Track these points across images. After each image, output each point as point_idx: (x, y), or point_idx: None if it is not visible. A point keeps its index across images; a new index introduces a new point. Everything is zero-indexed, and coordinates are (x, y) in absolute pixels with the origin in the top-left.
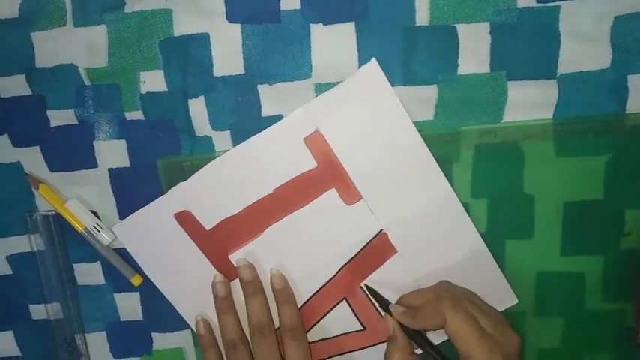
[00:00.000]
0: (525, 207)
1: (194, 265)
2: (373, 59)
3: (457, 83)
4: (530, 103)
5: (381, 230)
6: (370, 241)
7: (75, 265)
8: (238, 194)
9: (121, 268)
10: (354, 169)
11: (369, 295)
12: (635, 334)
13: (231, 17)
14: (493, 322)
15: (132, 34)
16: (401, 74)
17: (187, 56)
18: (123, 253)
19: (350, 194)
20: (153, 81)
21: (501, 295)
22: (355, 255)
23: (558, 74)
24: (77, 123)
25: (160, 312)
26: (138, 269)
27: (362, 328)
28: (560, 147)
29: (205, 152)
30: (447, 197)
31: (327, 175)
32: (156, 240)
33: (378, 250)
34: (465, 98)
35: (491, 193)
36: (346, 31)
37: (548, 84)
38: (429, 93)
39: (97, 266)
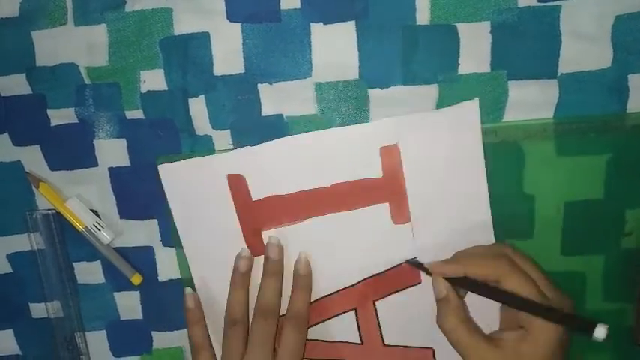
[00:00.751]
0: (526, 206)
1: (226, 229)
2: (476, 99)
3: (458, 83)
4: (530, 102)
5: (415, 257)
6: (401, 264)
7: (75, 264)
8: (296, 177)
9: (121, 267)
10: (415, 193)
11: (414, 266)
12: (635, 334)
13: (231, 16)
14: (554, 291)
15: (132, 33)
16: (401, 74)
17: (187, 55)
18: (123, 252)
19: (400, 215)
20: (153, 80)
21: None
22: (381, 272)
23: (559, 74)
24: (77, 122)
25: (160, 311)
26: (138, 268)
27: (359, 342)
28: (561, 146)
29: (205, 151)
30: (486, 235)
31: (388, 189)
32: (198, 192)
33: (404, 274)
34: (465, 97)
35: (492, 193)
36: (346, 31)
37: (548, 83)
38: (429, 92)
39: (97, 265)
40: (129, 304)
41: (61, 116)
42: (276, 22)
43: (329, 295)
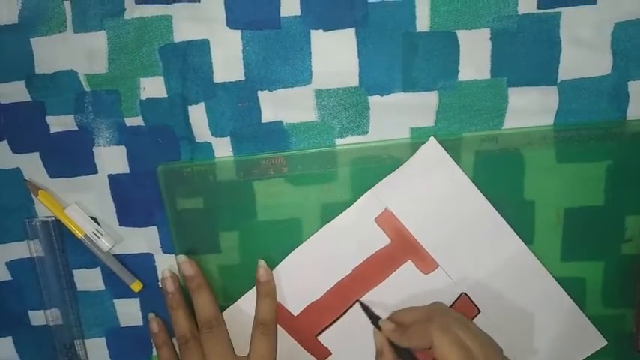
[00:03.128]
0: (526, 213)
1: (285, 346)
2: (432, 138)
3: (458, 90)
4: (530, 109)
5: (462, 293)
6: (452, 304)
7: (75, 271)
8: (319, 279)
9: (121, 274)
10: (427, 239)
11: (363, 311)
12: (635, 340)
13: (231, 23)
14: (485, 349)
15: (132, 41)
16: (401, 81)
17: (187, 62)
18: (123, 259)
19: (426, 264)
20: (153, 87)
21: (588, 339)
22: None
23: (559, 81)
24: (77, 129)
25: (161, 317)
26: (138, 275)
27: None
28: (561, 153)
29: (205, 158)
30: (521, 252)
31: (402, 249)
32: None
33: (461, 311)
34: (465, 105)
35: (492, 199)
36: (346, 38)
37: (548, 90)
38: (429, 99)
39: (96, 272)
40: (129, 311)
41: (60, 123)
42: (276, 29)
43: None
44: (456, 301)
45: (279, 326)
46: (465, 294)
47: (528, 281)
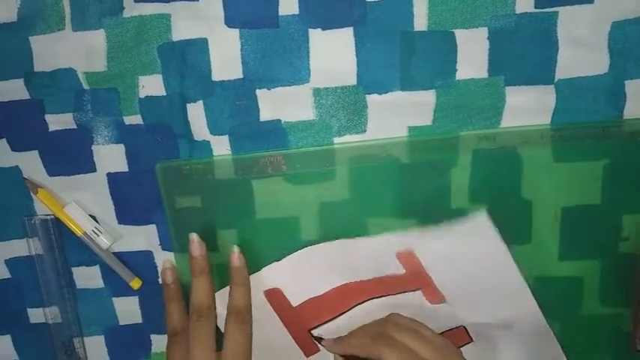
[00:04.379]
0: (523, 212)
1: (275, 335)
2: (485, 212)
3: (455, 88)
4: (528, 108)
5: (462, 325)
6: (448, 330)
7: (74, 269)
8: (326, 279)
9: (120, 271)
10: (442, 283)
11: (314, 339)
12: (633, 339)
13: (229, 22)
14: (439, 352)
15: (130, 39)
16: (399, 79)
17: (186, 61)
18: (122, 257)
19: (435, 297)
20: (151, 85)
21: None
22: None
23: (556, 80)
24: (76, 127)
25: (160, 315)
26: (137, 273)
27: None
28: (558, 152)
29: (204, 157)
30: (534, 317)
31: (414, 282)
32: None
33: (453, 336)
34: (463, 103)
35: (490, 199)
36: (345, 36)
37: (546, 89)
38: (427, 98)
39: (95, 270)
40: (128, 309)
41: (59, 121)
42: (274, 28)
43: None
44: (452, 329)
45: (273, 314)
46: (464, 327)
47: (535, 345)
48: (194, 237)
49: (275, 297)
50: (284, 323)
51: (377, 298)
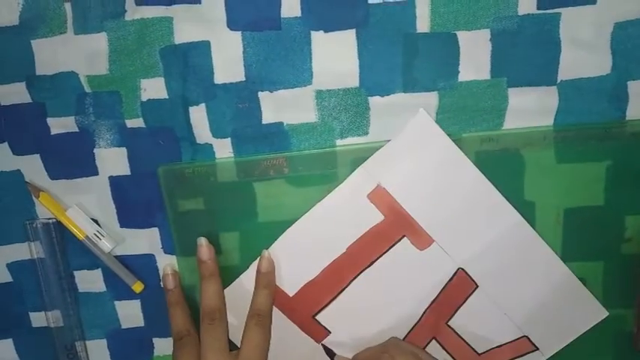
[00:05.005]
0: (526, 213)
1: (280, 328)
2: (421, 110)
3: (458, 90)
4: (530, 109)
5: (459, 268)
6: (450, 280)
7: (76, 273)
8: (314, 258)
9: (122, 275)
10: (421, 214)
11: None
12: (636, 340)
13: (231, 24)
14: None
15: (132, 42)
16: (401, 81)
17: (188, 64)
18: (124, 260)
19: (421, 239)
20: (153, 88)
21: (590, 310)
22: (437, 296)
23: (559, 81)
24: (77, 130)
25: (162, 318)
26: (139, 276)
27: None
28: (561, 154)
29: (206, 160)
30: (518, 225)
31: (396, 225)
32: (243, 311)
33: (458, 287)
34: (465, 105)
35: None
36: (347, 38)
37: (548, 91)
38: (429, 100)
39: (97, 273)
40: (130, 313)
41: (61, 125)
42: (276, 30)
43: (405, 338)
44: (452, 277)
45: (275, 308)
46: (462, 269)
47: (526, 254)
48: (203, 241)
49: None
50: (286, 315)
51: (368, 267)
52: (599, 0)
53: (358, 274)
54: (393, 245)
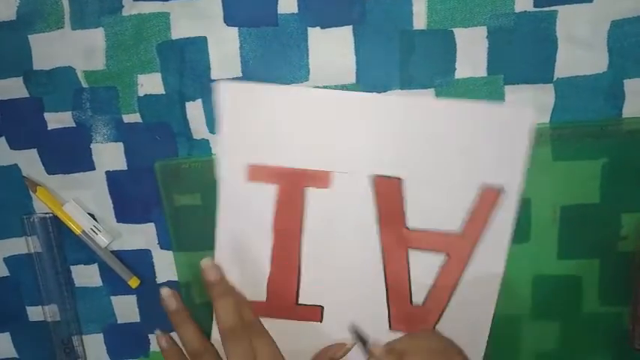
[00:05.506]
0: (522, 210)
1: (280, 332)
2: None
3: (454, 87)
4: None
5: (371, 176)
6: (375, 191)
7: (72, 267)
8: (256, 256)
9: (119, 270)
10: (300, 160)
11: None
12: (632, 338)
13: (228, 20)
14: None
15: (129, 37)
16: (398, 78)
17: (185, 59)
18: (120, 256)
19: (321, 179)
20: (150, 84)
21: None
22: (378, 213)
23: (555, 78)
24: (74, 125)
25: (158, 314)
26: (135, 271)
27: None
28: (557, 151)
29: (203, 155)
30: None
31: (291, 184)
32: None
33: (387, 191)
34: None
35: None
36: (344, 35)
37: (545, 88)
38: (426, 97)
39: (94, 268)
40: (126, 308)
41: (58, 120)
42: (273, 27)
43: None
44: (375, 187)
45: (268, 319)
46: (375, 175)
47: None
48: (207, 262)
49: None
50: (276, 318)
51: (302, 233)
52: None
53: (300, 243)
54: (304, 201)
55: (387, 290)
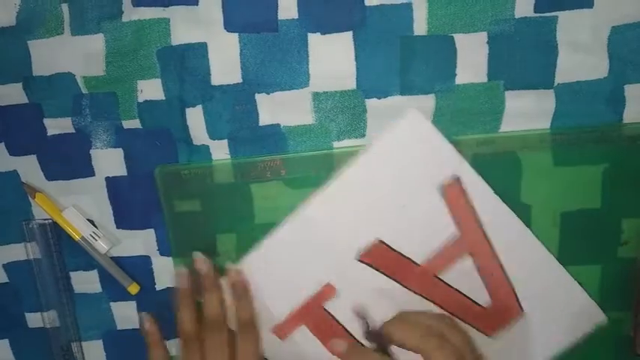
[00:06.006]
0: (523, 216)
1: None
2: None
3: (455, 93)
4: (527, 112)
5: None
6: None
7: (72, 274)
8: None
9: (118, 276)
10: None
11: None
12: (634, 344)
13: (229, 26)
14: None
15: (129, 43)
16: (398, 84)
17: (185, 65)
18: (120, 262)
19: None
20: (150, 90)
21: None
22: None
23: (556, 84)
24: (74, 131)
25: (157, 320)
26: (135, 278)
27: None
28: (558, 156)
29: (203, 161)
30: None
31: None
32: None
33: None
34: (462, 108)
35: None
36: (344, 41)
37: (545, 94)
38: (426, 103)
39: (93, 274)
40: (126, 314)
41: (57, 126)
42: (273, 32)
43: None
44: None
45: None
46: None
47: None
48: (200, 256)
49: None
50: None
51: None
52: (596, 3)
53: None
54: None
55: None
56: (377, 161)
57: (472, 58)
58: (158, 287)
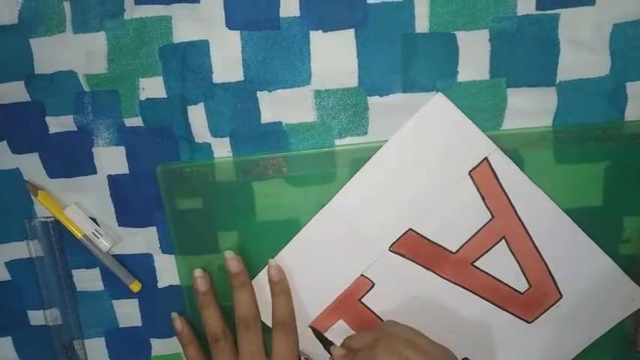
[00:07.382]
0: None
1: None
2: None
3: (457, 90)
4: (529, 110)
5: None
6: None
7: (74, 272)
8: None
9: (120, 274)
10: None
11: (315, 336)
12: (634, 341)
13: (230, 24)
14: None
15: (131, 41)
16: (400, 81)
17: (187, 63)
18: (122, 260)
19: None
20: (152, 87)
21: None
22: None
23: (558, 82)
24: (76, 129)
25: (160, 318)
26: (137, 276)
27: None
28: (560, 154)
29: (204, 159)
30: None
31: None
32: None
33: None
34: (464, 105)
35: None
36: (346, 38)
37: (547, 91)
38: (428, 100)
39: (95, 272)
40: (128, 312)
41: (59, 124)
42: (275, 30)
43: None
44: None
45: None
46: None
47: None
48: (229, 254)
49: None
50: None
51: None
52: (598, 1)
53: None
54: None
55: None
56: (403, 148)
57: (474, 56)
58: (160, 285)
